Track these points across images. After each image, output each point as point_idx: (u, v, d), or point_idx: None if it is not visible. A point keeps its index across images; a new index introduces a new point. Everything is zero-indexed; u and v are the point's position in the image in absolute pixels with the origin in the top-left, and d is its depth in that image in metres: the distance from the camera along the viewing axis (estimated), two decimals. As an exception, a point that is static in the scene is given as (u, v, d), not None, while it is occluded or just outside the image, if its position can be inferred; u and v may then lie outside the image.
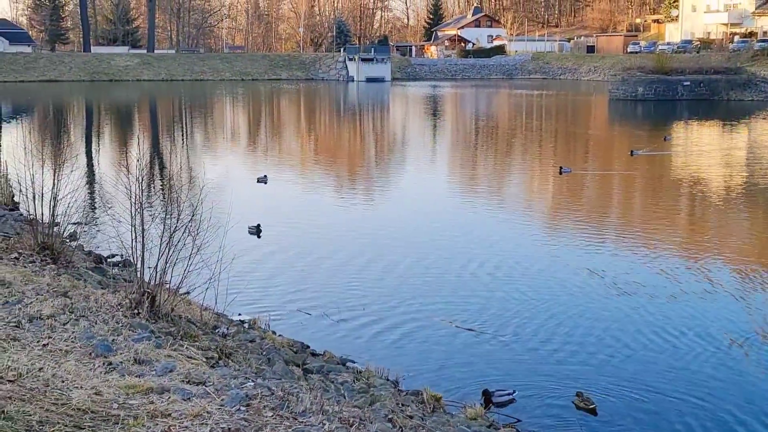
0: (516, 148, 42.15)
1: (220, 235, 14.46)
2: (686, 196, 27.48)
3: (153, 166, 33.33)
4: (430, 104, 75.80)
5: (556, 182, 29.77)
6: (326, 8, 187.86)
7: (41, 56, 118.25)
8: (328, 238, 20.61)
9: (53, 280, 12.08)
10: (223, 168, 33.07)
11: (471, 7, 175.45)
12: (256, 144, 45.33)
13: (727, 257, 18.49)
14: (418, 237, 20.70)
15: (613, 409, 10.84)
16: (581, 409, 10.75)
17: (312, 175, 32.34)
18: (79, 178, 22.67)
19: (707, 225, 23.23)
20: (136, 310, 10.97)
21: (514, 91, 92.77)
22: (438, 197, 27.46)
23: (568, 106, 72.82)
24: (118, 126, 55.85)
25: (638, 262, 18.03)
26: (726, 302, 15.28)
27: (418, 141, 46.71)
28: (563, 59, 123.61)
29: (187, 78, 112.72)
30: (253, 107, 75.62)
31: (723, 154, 37.67)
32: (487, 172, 34.24)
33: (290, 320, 14.18)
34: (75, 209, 15.40)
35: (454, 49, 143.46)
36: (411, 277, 17.01)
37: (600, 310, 14.73)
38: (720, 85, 72.21)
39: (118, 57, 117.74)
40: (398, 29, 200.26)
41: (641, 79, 73.33)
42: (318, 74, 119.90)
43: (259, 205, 24.83)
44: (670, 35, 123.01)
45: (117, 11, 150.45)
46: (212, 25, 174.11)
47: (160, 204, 22.73)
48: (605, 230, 21.90)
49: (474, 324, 13.98)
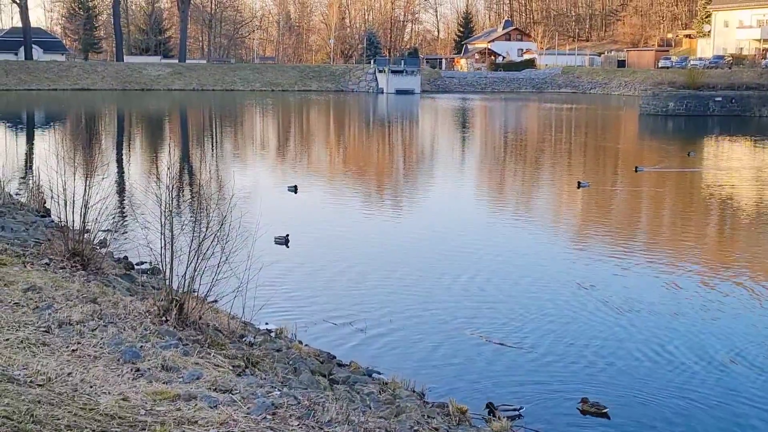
0: (542, 162, 42.07)
1: (249, 244, 14.53)
2: (681, 215, 27.29)
3: (183, 174, 33.54)
4: (460, 117, 75.79)
5: (574, 196, 29.71)
6: (357, 20, 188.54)
7: (74, 65, 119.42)
8: (355, 249, 20.64)
9: (83, 286, 12.18)
10: (253, 177, 33.22)
11: (502, 20, 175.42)
12: (286, 154, 45.51)
13: (733, 273, 18.31)
14: (446, 249, 20.66)
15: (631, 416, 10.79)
16: (590, 414, 10.86)
17: (341, 186, 32.42)
18: (110, 186, 22.93)
19: (711, 242, 23.09)
20: (164, 318, 11.04)
21: (543, 104, 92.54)
22: (464, 210, 27.42)
23: (598, 121, 72.53)
24: (148, 135, 56.29)
25: (653, 276, 17.90)
26: (741, 318, 15.14)
27: (446, 154, 46.70)
28: (593, 73, 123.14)
29: (218, 88, 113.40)
30: (283, 118, 75.95)
31: (741, 172, 37.30)
32: (512, 185, 34.21)
33: (317, 330, 14.19)
34: (105, 216, 15.53)
35: (484, 62, 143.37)
36: (438, 288, 16.99)
37: (624, 326, 14.63)
38: (752, 102, 71.67)
39: (150, 66, 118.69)
40: (428, 42, 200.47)
41: (672, 94, 72.96)
42: (348, 86, 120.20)
43: (288, 214, 24.92)
44: (702, 51, 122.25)
45: (150, 21, 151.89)
46: (243, 35, 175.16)
47: (189, 212, 22.87)
48: (619, 246, 21.74)
49: (501, 337, 13.93)
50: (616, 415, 10.95)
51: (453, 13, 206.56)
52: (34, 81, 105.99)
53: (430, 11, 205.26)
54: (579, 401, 11.14)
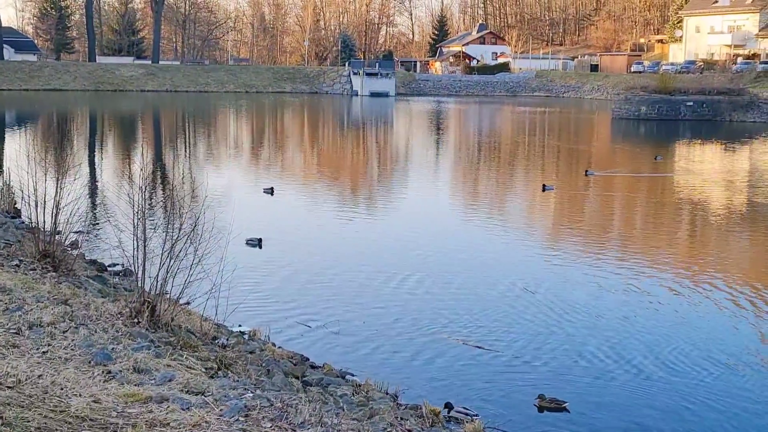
0: (512, 165, 42.34)
1: (223, 245, 14.48)
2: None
3: (156, 176, 33.37)
4: (434, 120, 75.94)
5: (539, 200, 29.95)
6: (332, 22, 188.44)
7: (46, 65, 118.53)
8: (330, 251, 20.62)
9: (54, 287, 12.09)
10: (227, 179, 33.11)
11: (476, 24, 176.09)
12: (260, 156, 45.39)
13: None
14: (420, 251, 20.69)
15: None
16: (550, 410, 11.11)
17: (316, 188, 32.37)
18: (82, 187, 22.68)
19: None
20: (136, 320, 10.97)
21: (517, 108, 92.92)
22: (438, 212, 27.47)
23: (571, 125, 72.93)
24: (121, 136, 55.94)
25: (612, 279, 18.04)
26: (697, 318, 15.28)
27: (421, 156, 46.77)
28: (567, 77, 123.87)
29: (192, 89, 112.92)
30: (257, 120, 75.76)
31: (701, 176, 37.47)
32: (483, 188, 34.34)
33: (290, 332, 14.16)
34: (77, 218, 15.40)
35: (459, 66, 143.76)
36: (411, 291, 17.00)
37: (588, 327, 14.72)
38: (723, 106, 72.34)
39: (122, 67, 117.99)
40: (403, 45, 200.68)
41: (644, 98, 73.47)
42: (322, 88, 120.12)
43: (263, 216, 24.86)
44: (673, 55, 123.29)
45: (123, 22, 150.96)
46: (217, 37, 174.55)
47: (162, 214, 22.75)
48: (582, 250, 21.86)
49: (474, 339, 13.97)
50: (575, 409, 11.19)
51: (428, 16, 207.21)
52: (5, 81, 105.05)
53: (405, 14, 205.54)
54: (536, 398, 11.34)
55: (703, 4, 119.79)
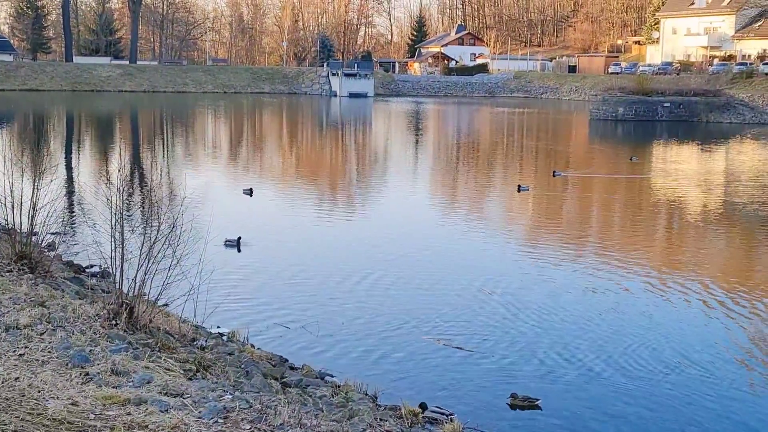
0: (490, 166, 42.52)
1: (201, 247, 14.44)
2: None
3: (134, 177, 33.22)
4: (413, 120, 76.01)
5: (514, 200, 30.03)
6: (310, 23, 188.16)
7: (22, 65, 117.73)
8: (308, 252, 20.59)
9: (30, 289, 12.01)
10: (205, 180, 32.99)
11: (455, 25, 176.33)
12: (239, 157, 45.29)
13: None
14: (399, 252, 20.72)
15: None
16: (522, 407, 11.27)
17: (293, 189, 32.33)
18: (59, 188, 22.59)
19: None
20: (114, 321, 10.92)
21: (495, 108, 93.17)
22: (415, 213, 27.48)
23: (549, 125, 73.20)
24: (98, 136, 55.66)
25: (583, 277, 18.16)
26: (668, 316, 15.42)
27: (399, 157, 46.80)
28: (545, 78, 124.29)
29: (170, 90, 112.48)
30: (236, 120, 75.58)
31: (668, 177, 37.68)
32: (460, 188, 34.43)
33: (269, 333, 14.14)
34: (54, 219, 15.30)
35: (438, 66, 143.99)
36: (390, 292, 17.01)
37: (561, 325, 14.80)
38: (699, 107, 72.86)
39: (100, 67, 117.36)
40: (382, 45, 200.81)
41: (622, 99, 73.87)
42: (301, 88, 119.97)
43: (241, 217, 24.80)
44: (650, 57, 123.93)
45: (100, 21, 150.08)
46: (196, 37, 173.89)
47: (140, 215, 22.65)
48: (555, 249, 21.97)
49: (453, 339, 14.00)
50: (548, 406, 11.33)
51: (406, 17, 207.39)
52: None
53: (384, 15, 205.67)
54: (509, 396, 11.46)
55: (679, 5, 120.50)
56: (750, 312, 16.01)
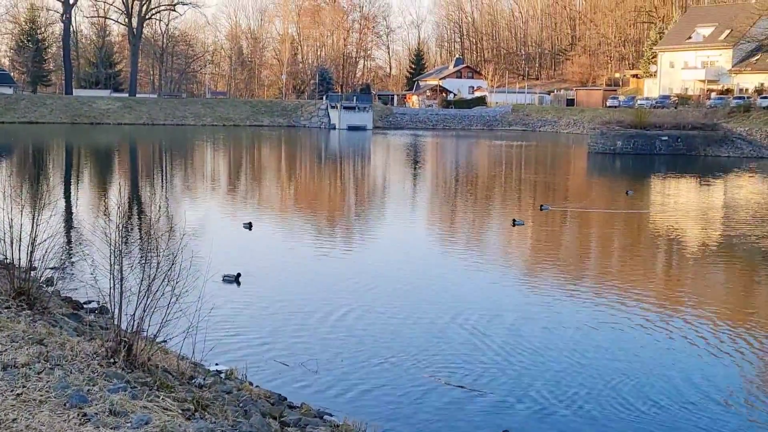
0: (487, 199, 42.48)
1: (200, 283, 14.40)
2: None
3: (133, 211, 33.20)
4: (411, 153, 76.18)
5: (510, 234, 30.01)
6: (309, 56, 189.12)
7: (22, 98, 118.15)
8: (308, 288, 20.54)
9: (29, 326, 11.94)
10: (204, 214, 32.99)
11: (453, 58, 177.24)
12: (238, 190, 45.33)
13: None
14: (397, 287, 20.68)
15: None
16: None
17: (293, 222, 32.33)
18: (58, 223, 22.55)
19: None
20: (113, 359, 10.84)
21: (493, 141, 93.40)
22: (412, 248, 27.45)
23: (547, 159, 73.39)
24: (97, 170, 55.73)
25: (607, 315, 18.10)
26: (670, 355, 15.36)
27: (397, 190, 46.85)
28: (543, 111, 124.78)
29: (169, 122, 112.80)
30: (235, 153, 75.74)
31: (668, 211, 37.60)
32: (458, 222, 34.38)
33: (268, 371, 14.07)
34: (53, 254, 15.26)
35: (436, 99, 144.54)
36: (389, 327, 16.95)
37: (566, 361, 14.74)
38: (697, 141, 73.05)
39: (99, 100, 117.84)
40: (380, 78, 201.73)
41: (620, 133, 74.09)
42: (300, 121, 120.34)
43: (240, 252, 24.76)
44: (648, 90, 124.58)
45: (100, 55, 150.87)
46: (195, 70, 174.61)
47: (139, 250, 22.60)
48: (549, 285, 21.92)
49: (452, 376, 13.93)
50: None
51: (405, 50, 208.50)
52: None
53: (383, 48, 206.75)
54: None
55: (677, 39, 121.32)
56: (751, 350, 15.94)
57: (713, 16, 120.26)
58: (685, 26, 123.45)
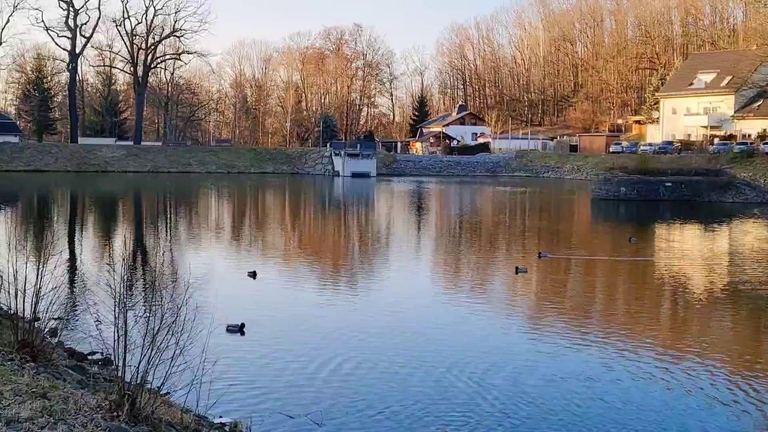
0: (491, 246, 42.36)
1: (205, 333, 14.33)
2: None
3: (137, 261, 33.18)
4: (414, 200, 76.32)
5: (513, 282, 29.89)
6: (313, 103, 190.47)
7: (28, 146, 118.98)
8: (312, 338, 20.44)
9: (32, 380, 11.88)
10: (209, 263, 32.97)
11: (456, 105, 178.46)
12: (242, 237, 45.34)
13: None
14: (402, 336, 20.57)
15: None
16: None
17: (297, 271, 32.28)
18: (63, 273, 22.59)
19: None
20: (116, 413, 10.77)
21: (497, 188, 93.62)
22: (416, 296, 27.35)
23: (552, 205, 73.43)
24: (102, 218, 55.83)
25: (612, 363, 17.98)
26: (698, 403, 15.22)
27: (402, 237, 46.87)
28: (547, 158, 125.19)
29: (174, 170, 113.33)
30: (239, 200, 75.94)
31: (670, 259, 37.35)
32: (463, 270, 34.24)
33: (272, 423, 13.94)
34: (57, 305, 15.24)
35: (439, 146, 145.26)
36: (394, 378, 16.83)
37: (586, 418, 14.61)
38: (701, 187, 73.09)
39: (105, 148, 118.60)
40: (384, 125, 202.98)
41: (624, 179, 74.24)
42: (304, 168, 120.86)
43: (245, 301, 24.71)
44: (651, 136, 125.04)
45: (105, 103, 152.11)
46: (199, 118, 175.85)
47: (143, 301, 22.54)
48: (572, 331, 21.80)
49: (456, 429, 13.79)
50: None
51: (408, 97, 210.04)
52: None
53: (386, 95, 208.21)
54: None
55: (679, 86, 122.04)
56: (759, 400, 15.80)
57: (714, 62, 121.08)
58: (686, 73, 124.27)
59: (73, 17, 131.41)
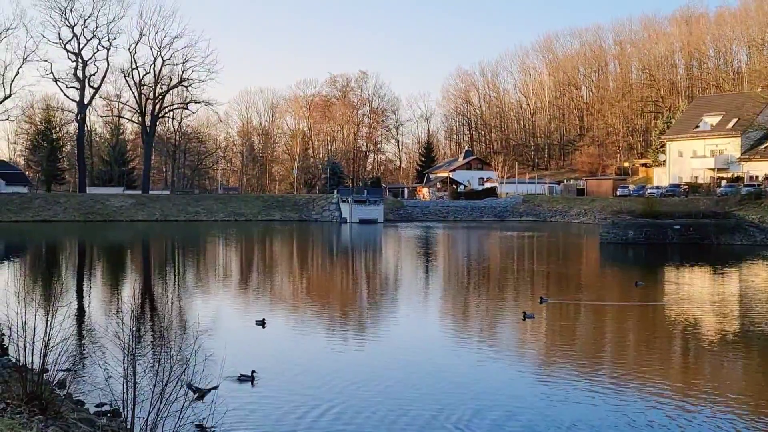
0: (499, 292, 42.11)
1: (214, 383, 14.28)
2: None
3: (145, 311, 33.12)
4: (422, 246, 76.24)
5: (521, 328, 29.72)
6: (320, 150, 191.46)
7: (37, 196, 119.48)
8: (323, 386, 20.31)
9: (41, 433, 11.83)
10: (217, 312, 32.91)
11: (462, 150, 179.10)
12: (250, 285, 45.27)
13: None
14: (410, 383, 20.48)
15: None
16: None
17: (306, 318, 32.19)
18: (72, 325, 22.56)
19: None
20: (125, 466, 10.71)
21: (504, 233, 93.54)
22: (427, 341, 27.21)
23: (559, 250, 73.27)
24: (110, 268, 55.88)
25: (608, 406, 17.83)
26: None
27: (409, 283, 46.74)
28: (554, 201, 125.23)
29: (181, 218, 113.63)
30: (247, 248, 75.95)
31: (677, 303, 36.93)
32: (470, 315, 34.06)
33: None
34: (66, 357, 15.24)
35: (446, 191, 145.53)
36: (404, 425, 16.72)
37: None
38: (709, 229, 72.90)
39: (112, 197, 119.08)
40: (391, 171, 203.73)
41: (631, 222, 74.14)
42: (311, 215, 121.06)
43: (254, 350, 24.64)
44: (658, 179, 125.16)
45: (113, 153, 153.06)
46: (207, 166, 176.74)
47: (152, 353, 22.46)
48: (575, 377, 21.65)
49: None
50: None
51: (414, 143, 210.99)
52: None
53: (392, 141, 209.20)
54: None
55: (684, 129, 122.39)
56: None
57: (720, 105, 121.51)
58: (692, 115, 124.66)
59: (81, 68, 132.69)
